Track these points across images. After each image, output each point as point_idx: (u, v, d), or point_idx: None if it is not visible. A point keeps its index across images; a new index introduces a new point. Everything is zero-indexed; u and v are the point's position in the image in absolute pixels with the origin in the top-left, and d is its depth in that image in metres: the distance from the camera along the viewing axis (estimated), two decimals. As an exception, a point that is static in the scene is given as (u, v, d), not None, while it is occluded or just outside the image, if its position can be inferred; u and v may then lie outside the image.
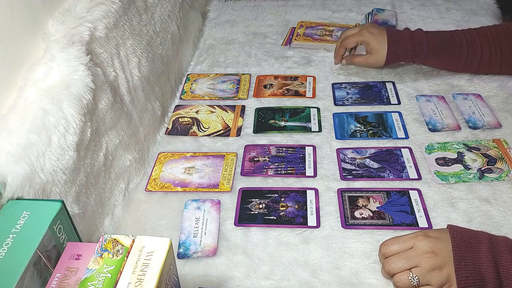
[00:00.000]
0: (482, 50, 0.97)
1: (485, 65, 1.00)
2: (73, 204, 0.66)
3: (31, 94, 0.63)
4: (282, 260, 0.71)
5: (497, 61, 0.98)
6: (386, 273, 0.65)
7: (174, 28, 1.10)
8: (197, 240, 0.74)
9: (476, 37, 0.98)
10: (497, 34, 0.97)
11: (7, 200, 0.55)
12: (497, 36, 0.97)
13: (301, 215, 0.77)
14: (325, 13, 1.36)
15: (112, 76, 0.80)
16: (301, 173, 0.85)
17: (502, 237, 0.63)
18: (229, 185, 0.84)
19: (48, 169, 0.61)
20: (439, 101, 1.00)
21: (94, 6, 0.77)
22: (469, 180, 0.81)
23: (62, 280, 0.49)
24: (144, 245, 0.49)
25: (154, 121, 0.96)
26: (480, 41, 0.97)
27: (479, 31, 0.99)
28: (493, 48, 0.97)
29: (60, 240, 0.55)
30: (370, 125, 0.95)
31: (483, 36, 0.98)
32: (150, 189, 0.84)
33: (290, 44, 1.23)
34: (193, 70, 1.18)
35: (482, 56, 0.98)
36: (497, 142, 0.88)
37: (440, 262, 0.61)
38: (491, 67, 1.00)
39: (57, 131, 0.63)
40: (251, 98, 1.06)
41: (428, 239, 0.63)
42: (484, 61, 0.98)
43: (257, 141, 0.94)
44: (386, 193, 0.80)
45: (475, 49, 0.98)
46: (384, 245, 0.66)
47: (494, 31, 0.98)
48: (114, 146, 0.80)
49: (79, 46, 0.70)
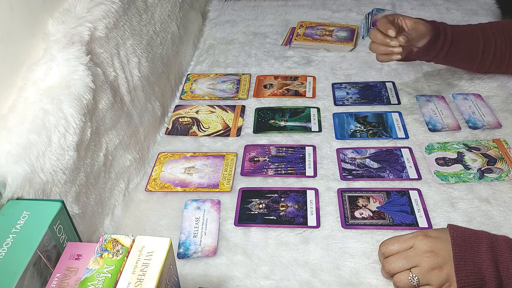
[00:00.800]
0: (496, 44, 0.94)
1: (497, 59, 0.96)
2: (73, 204, 0.66)
3: (31, 94, 0.63)
4: (282, 260, 0.71)
5: (505, 57, 0.96)
6: (386, 273, 0.65)
7: (174, 28, 1.10)
8: (197, 240, 0.74)
9: (487, 27, 0.96)
10: (504, 27, 0.95)
11: (7, 200, 0.55)
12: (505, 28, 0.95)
13: (301, 215, 0.77)
14: (325, 13, 1.36)
15: (112, 76, 0.80)
16: (301, 173, 0.85)
17: (502, 236, 0.63)
18: (229, 185, 0.84)
19: (48, 169, 0.61)
20: (439, 101, 1.00)
21: (94, 6, 0.77)
22: (469, 180, 0.81)
23: (62, 280, 0.49)
24: (144, 245, 0.49)
25: (154, 121, 0.96)
26: (492, 31, 0.95)
27: (488, 24, 0.97)
28: (504, 44, 0.94)
29: (60, 240, 0.55)
30: (370, 125, 0.95)
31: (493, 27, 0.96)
32: (150, 189, 0.84)
33: (290, 44, 1.23)
34: (193, 70, 1.18)
35: (496, 46, 0.95)
36: (497, 142, 0.88)
37: (440, 262, 0.61)
38: (499, 65, 0.98)
39: (57, 131, 0.63)
40: (251, 98, 1.06)
41: (427, 238, 0.63)
42: (497, 53, 0.96)
43: (257, 141, 0.94)
44: (386, 193, 0.80)
45: (490, 42, 0.95)
46: (383, 244, 0.66)
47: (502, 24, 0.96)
48: (114, 146, 0.80)
49: (79, 46, 0.70)
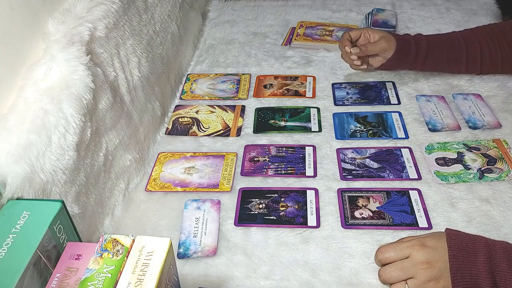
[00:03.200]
0: (481, 45, 0.97)
1: (487, 62, 0.99)
2: (73, 204, 0.66)
3: (31, 94, 0.63)
4: (282, 260, 0.71)
5: (498, 57, 0.98)
6: (381, 282, 0.65)
7: (174, 28, 1.10)
8: (197, 240, 0.74)
9: (472, 34, 0.98)
10: (493, 32, 0.97)
11: (7, 200, 0.55)
12: (493, 33, 0.97)
13: (301, 215, 0.77)
14: (325, 13, 1.36)
15: (112, 76, 0.80)
16: (301, 173, 0.85)
17: (500, 243, 0.62)
18: (229, 185, 0.84)
19: (48, 169, 0.61)
20: (439, 101, 1.00)
21: (94, 6, 0.77)
22: (469, 180, 0.81)
23: (62, 280, 0.49)
24: (144, 245, 0.49)
25: (154, 121, 0.96)
26: (477, 36, 0.97)
27: (474, 29, 1.00)
28: (492, 44, 0.97)
29: (60, 240, 0.55)
30: (370, 125, 0.95)
31: (479, 33, 0.98)
32: (150, 189, 0.84)
33: (290, 44, 1.23)
34: (193, 70, 1.18)
35: (482, 52, 0.97)
36: (497, 142, 0.88)
37: (436, 274, 0.61)
38: (492, 64, 0.99)
39: (57, 131, 0.63)
40: (251, 98, 1.06)
41: (424, 249, 0.62)
42: (485, 57, 0.98)
43: (257, 141, 0.94)
44: (386, 193, 0.80)
45: (474, 44, 0.97)
46: (380, 251, 0.66)
47: (489, 29, 0.98)
48: (114, 146, 0.80)
49: (79, 46, 0.70)
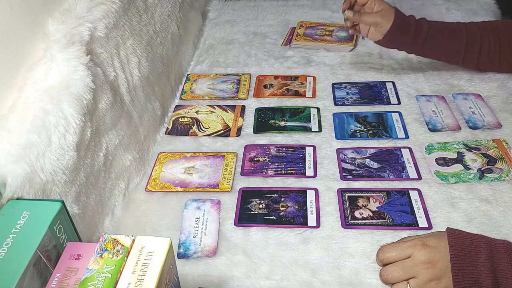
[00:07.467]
0: (482, 39, 0.96)
1: (484, 57, 0.98)
2: (73, 204, 0.66)
3: (31, 94, 0.63)
4: (282, 260, 0.71)
5: (496, 52, 0.97)
6: (383, 282, 0.65)
7: (174, 28, 1.10)
8: (197, 240, 0.74)
9: (476, 27, 0.98)
10: (497, 28, 0.97)
11: (7, 200, 0.55)
12: (497, 28, 0.97)
13: (301, 215, 0.77)
14: (325, 13, 1.37)
15: (112, 76, 0.80)
16: (301, 173, 0.85)
17: (501, 242, 0.62)
18: (229, 185, 0.84)
19: (48, 169, 0.61)
20: (439, 101, 1.00)
21: (94, 6, 0.77)
22: (469, 180, 0.81)
23: (62, 280, 0.49)
24: (144, 245, 0.49)
25: (154, 121, 0.96)
26: (480, 30, 0.97)
27: (479, 23, 0.99)
28: (492, 39, 0.96)
29: (60, 240, 0.55)
30: (370, 125, 0.95)
31: (482, 27, 0.98)
32: (150, 189, 0.84)
33: (290, 44, 1.23)
34: (193, 70, 1.18)
35: (482, 46, 0.97)
36: (497, 142, 0.88)
37: (438, 273, 0.61)
38: (490, 60, 0.99)
39: (57, 131, 0.63)
40: (251, 98, 1.06)
41: (426, 248, 0.62)
42: (483, 52, 0.97)
43: (257, 141, 0.94)
44: (386, 193, 0.80)
45: (475, 37, 0.97)
46: (381, 251, 0.66)
47: (494, 25, 0.98)
48: (114, 146, 0.80)
49: (79, 46, 0.70)
